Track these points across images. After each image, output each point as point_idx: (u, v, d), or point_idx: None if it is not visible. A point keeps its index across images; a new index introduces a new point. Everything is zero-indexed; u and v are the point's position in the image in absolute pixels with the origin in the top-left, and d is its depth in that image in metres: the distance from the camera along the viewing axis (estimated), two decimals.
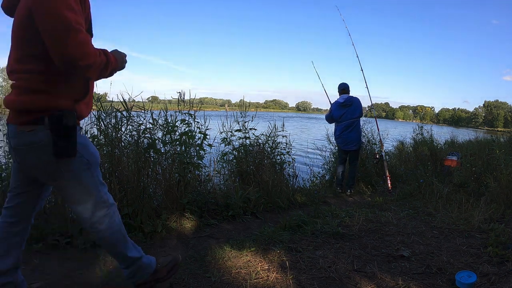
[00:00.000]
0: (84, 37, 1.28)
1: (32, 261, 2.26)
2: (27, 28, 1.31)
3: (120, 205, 2.74)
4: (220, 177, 3.99)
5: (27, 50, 1.34)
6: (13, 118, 1.40)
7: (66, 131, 1.35)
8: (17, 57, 1.38)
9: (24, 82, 1.36)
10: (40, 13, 1.24)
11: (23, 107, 1.35)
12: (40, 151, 1.37)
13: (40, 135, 1.35)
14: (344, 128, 4.79)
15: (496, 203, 3.49)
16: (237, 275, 2.09)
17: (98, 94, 3.23)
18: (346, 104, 4.78)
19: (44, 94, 1.35)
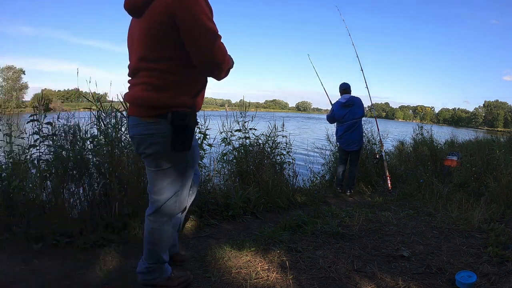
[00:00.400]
0: (223, 44, 1.49)
1: (32, 261, 2.26)
2: (164, 32, 1.43)
3: (120, 205, 2.75)
4: (220, 177, 3.99)
5: (160, 52, 1.46)
6: (136, 111, 1.56)
7: (186, 128, 1.52)
8: (146, 56, 1.48)
9: (153, 80, 1.49)
10: (187, 24, 1.39)
11: (150, 103, 1.49)
12: (157, 142, 1.53)
13: (161, 128, 1.51)
14: (346, 128, 4.76)
15: (496, 203, 3.48)
16: (237, 275, 2.09)
17: (98, 94, 3.23)
18: (348, 104, 4.75)
19: (170, 92, 1.49)
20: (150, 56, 1.48)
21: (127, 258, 2.37)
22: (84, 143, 2.96)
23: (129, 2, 1.52)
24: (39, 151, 2.86)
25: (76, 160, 2.83)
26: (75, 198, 2.91)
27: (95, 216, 2.70)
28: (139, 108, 1.54)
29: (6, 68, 51.81)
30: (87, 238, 2.49)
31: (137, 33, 1.52)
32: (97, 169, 2.96)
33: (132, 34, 1.58)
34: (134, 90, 1.55)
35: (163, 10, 1.41)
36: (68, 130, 2.96)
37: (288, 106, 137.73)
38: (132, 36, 1.58)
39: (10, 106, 5.52)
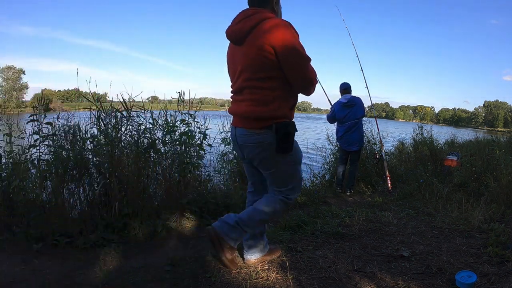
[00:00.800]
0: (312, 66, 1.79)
1: (32, 261, 2.26)
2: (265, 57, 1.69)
3: (120, 205, 2.75)
4: (220, 177, 3.99)
5: (263, 73, 1.73)
6: (243, 123, 1.83)
7: (289, 136, 1.79)
8: (251, 77, 1.76)
9: (257, 96, 1.76)
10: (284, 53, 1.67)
11: (257, 116, 1.76)
12: (264, 149, 1.81)
13: (267, 137, 1.78)
14: (347, 128, 4.73)
15: (496, 203, 3.48)
16: (237, 275, 2.09)
17: (98, 94, 3.23)
18: (349, 105, 4.72)
19: (272, 106, 1.75)
20: (254, 77, 1.75)
21: (127, 258, 2.37)
22: (84, 143, 2.97)
23: (233, 34, 1.83)
24: (39, 151, 2.86)
25: (76, 160, 2.83)
26: (75, 198, 2.92)
27: (95, 216, 2.70)
28: (246, 120, 1.81)
29: (6, 68, 51.85)
30: (87, 238, 2.49)
31: (240, 58, 1.80)
32: (97, 169, 2.96)
33: (234, 58, 1.87)
34: (241, 105, 1.83)
35: (263, 41, 1.69)
36: (68, 130, 2.96)
37: None
38: (234, 59, 1.87)
39: (10, 106, 5.52)
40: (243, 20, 1.78)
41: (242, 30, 1.76)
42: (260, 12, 1.76)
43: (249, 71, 1.76)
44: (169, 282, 2.04)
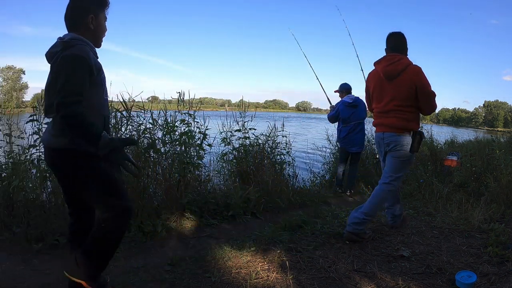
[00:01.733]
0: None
1: (32, 261, 2.26)
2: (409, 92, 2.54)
3: None
4: (220, 177, 3.99)
5: (408, 102, 2.56)
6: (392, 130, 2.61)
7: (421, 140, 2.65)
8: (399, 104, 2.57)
9: (403, 115, 2.58)
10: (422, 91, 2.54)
11: (403, 127, 2.59)
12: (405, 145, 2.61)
13: (408, 139, 2.60)
14: (351, 129, 4.66)
15: (496, 203, 3.48)
16: (237, 275, 2.09)
17: None
18: (354, 105, 4.66)
19: (412, 122, 2.62)
20: (402, 103, 2.58)
21: (127, 258, 2.37)
22: None
23: (387, 73, 2.59)
24: (39, 151, 2.86)
25: None
26: None
27: None
28: (395, 129, 2.61)
29: (6, 68, 51.81)
30: None
31: (392, 90, 2.59)
32: None
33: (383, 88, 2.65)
34: (391, 120, 2.62)
35: (409, 81, 2.53)
36: None
37: (288, 106, 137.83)
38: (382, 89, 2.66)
39: (10, 106, 5.52)
40: (393, 63, 2.57)
41: (394, 71, 2.56)
42: (404, 59, 2.59)
43: (398, 99, 2.58)
44: (169, 282, 2.04)
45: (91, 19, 1.61)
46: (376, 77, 2.68)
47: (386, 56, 2.63)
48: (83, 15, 1.60)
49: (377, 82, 2.67)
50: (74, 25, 1.60)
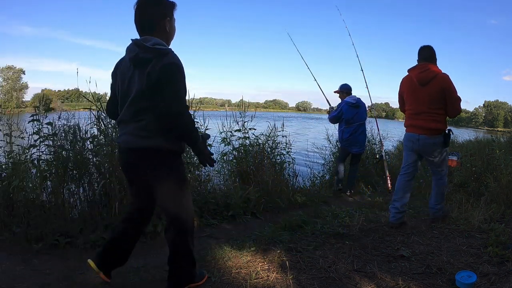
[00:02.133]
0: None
1: (32, 261, 2.27)
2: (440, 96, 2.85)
3: (120, 205, 2.75)
4: (220, 177, 3.99)
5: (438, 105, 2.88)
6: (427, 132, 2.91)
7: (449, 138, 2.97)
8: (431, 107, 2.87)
9: (434, 118, 2.88)
10: (450, 95, 2.86)
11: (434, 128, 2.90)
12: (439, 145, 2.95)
13: (440, 139, 2.91)
14: (354, 130, 4.64)
15: (496, 203, 3.48)
16: (237, 275, 2.09)
17: (98, 94, 3.23)
18: (357, 105, 4.64)
19: (442, 123, 2.93)
20: (433, 107, 2.87)
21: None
22: (84, 143, 2.96)
23: (420, 79, 2.89)
24: (39, 151, 2.86)
25: (76, 160, 2.83)
26: (75, 198, 2.92)
27: (95, 216, 2.70)
28: (429, 130, 2.90)
29: (6, 68, 51.81)
30: (87, 238, 2.49)
31: (425, 94, 2.88)
32: (97, 169, 2.96)
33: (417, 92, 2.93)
34: (425, 123, 2.90)
35: (440, 87, 2.84)
36: (68, 130, 2.96)
37: (288, 106, 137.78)
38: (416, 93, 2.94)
39: (10, 106, 5.52)
40: (425, 71, 2.89)
41: (426, 78, 2.88)
42: (434, 67, 2.92)
43: (430, 103, 2.88)
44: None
45: (167, 22, 1.66)
46: (410, 82, 2.99)
47: (419, 65, 2.96)
48: (161, 18, 1.64)
49: (411, 87, 2.99)
50: (151, 28, 1.63)
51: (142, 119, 1.60)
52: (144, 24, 1.64)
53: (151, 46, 1.55)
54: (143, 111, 1.59)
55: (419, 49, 3.04)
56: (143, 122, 1.60)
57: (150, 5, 1.63)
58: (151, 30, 1.63)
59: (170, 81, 1.53)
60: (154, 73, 1.53)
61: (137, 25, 1.66)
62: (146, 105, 1.58)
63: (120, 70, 1.68)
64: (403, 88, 3.09)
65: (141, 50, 1.56)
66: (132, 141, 1.63)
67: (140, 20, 1.64)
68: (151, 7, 1.63)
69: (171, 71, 1.53)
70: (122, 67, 1.68)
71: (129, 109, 1.63)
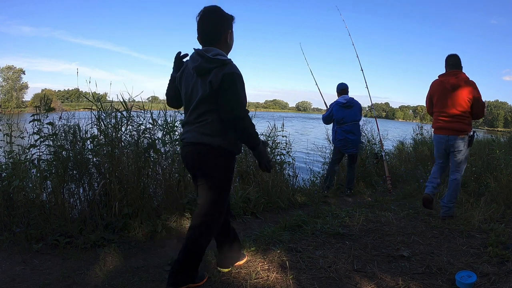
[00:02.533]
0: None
1: (32, 261, 2.27)
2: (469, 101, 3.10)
3: (120, 205, 2.75)
4: None
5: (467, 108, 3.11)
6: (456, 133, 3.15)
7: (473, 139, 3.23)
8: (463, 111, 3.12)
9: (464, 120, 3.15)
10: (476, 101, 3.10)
11: (462, 130, 3.14)
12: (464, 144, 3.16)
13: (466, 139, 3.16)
14: (346, 130, 4.60)
15: (496, 203, 3.48)
16: (237, 275, 2.09)
17: (98, 94, 3.23)
18: (348, 105, 4.60)
19: (469, 125, 3.19)
20: (462, 109, 3.12)
21: (127, 258, 2.37)
22: (84, 143, 2.96)
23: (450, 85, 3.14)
24: (39, 151, 2.86)
25: (76, 160, 2.83)
26: (75, 198, 2.92)
27: (95, 216, 2.70)
28: (458, 132, 3.14)
29: (6, 68, 51.84)
30: (87, 238, 2.49)
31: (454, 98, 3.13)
32: (97, 169, 2.96)
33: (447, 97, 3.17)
34: (455, 125, 3.15)
35: (469, 93, 3.10)
36: (68, 130, 2.96)
37: (288, 106, 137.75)
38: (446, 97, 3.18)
39: (10, 106, 5.51)
40: (457, 78, 3.14)
41: (458, 84, 3.12)
42: (463, 74, 3.18)
43: (459, 107, 3.11)
44: None
45: (228, 34, 1.80)
46: (441, 87, 3.22)
47: (451, 71, 3.21)
48: (223, 30, 1.78)
49: (442, 91, 3.22)
50: (214, 40, 1.77)
51: (204, 120, 1.76)
52: (206, 36, 1.77)
53: (213, 56, 1.68)
54: (205, 114, 1.75)
55: (446, 57, 3.31)
56: (205, 122, 1.76)
57: (212, 18, 1.76)
58: (213, 41, 1.77)
59: (231, 89, 1.67)
60: (215, 82, 1.67)
61: (199, 35, 1.79)
62: (208, 109, 1.74)
63: (185, 77, 1.84)
64: (433, 91, 3.31)
65: (203, 60, 1.70)
66: (195, 137, 1.79)
67: (202, 31, 1.77)
68: (213, 20, 1.76)
69: (231, 80, 1.67)
70: (186, 74, 1.83)
71: (192, 113, 1.80)
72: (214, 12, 1.77)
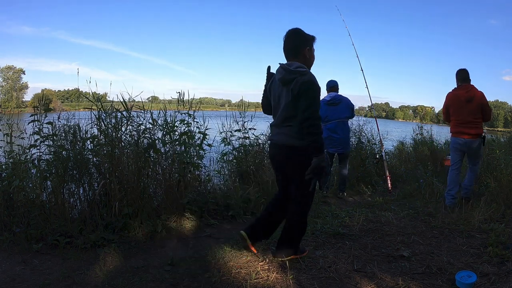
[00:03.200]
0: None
1: (32, 261, 2.27)
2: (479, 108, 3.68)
3: (120, 205, 2.75)
4: (220, 177, 3.99)
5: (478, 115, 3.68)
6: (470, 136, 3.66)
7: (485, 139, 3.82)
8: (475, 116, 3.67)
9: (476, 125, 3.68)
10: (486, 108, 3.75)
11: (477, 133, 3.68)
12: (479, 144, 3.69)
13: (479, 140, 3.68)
14: (330, 129, 4.42)
15: (496, 203, 3.48)
16: (237, 275, 2.09)
17: (98, 94, 3.23)
18: (332, 103, 4.43)
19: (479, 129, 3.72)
20: (475, 117, 3.67)
21: (127, 258, 2.37)
22: (84, 143, 2.96)
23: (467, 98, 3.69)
24: (39, 151, 2.85)
25: (76, 160, 2.83)
26: (75, 198, 2.91)
27: (95, 216, 2.70)
28: (473, 136, 3.67)
29: (6, 68, 51.79)
30: (87, 238, 2.49)
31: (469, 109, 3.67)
32: (97, 169, 2.96)
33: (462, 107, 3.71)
34: (471, 130, 3.67)
35: (480, 103, 3.67)
36: (68, 130, 2.96)
37: None
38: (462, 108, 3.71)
39: (10, 106, 5.51)
40: (469, 91, 3.70)
41: (470, 96, 3.69)
42: (474, 87, 3.74)
43: (474, 114, 3.67)
44: (169, 282, 2.05)
45: (307, 50, 2.15)
46: (456, 100, 3.80)
47: (464, 86, 3.78)
48: (302, 47, 2.14)
49: (458, 103, 3.78)
50: (295, 54, 2.13)
51: (290, 125, 2.11)
52: (289, 51, 2.15)
53: (294, 69, 2.04)
54: (290, 118, 2.09)
55: (456, 72, 3.88)
56: (291, 127, 2.10)
57: (293, 37, 2.15)
58: (295, 56, 2.13)
59: (306, 94, 2.00)
60: (295, 89, 2.01)
61: (285, 51, 2.17)
62: (292, 114, 2.07)
63: (273, 87, 2.21)
64: (450, 103, 3.88)
65: (286, 72, 2.06)
66: (283, 139, 2.15)
67: (286, 48, 2.15)
68: (296, 39, 2.14)
69: (307, 86, 2.00)
70: (274, 84, 2.20)
71: (280, 117, 2.16)
72: (295, 32, 2.15)
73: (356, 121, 5.74)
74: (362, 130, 5.80)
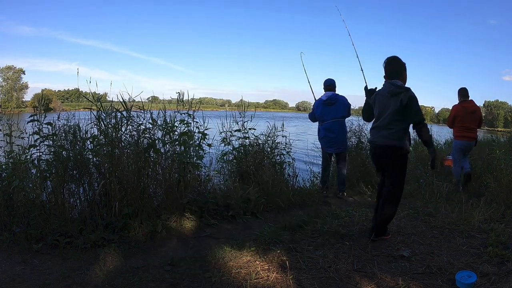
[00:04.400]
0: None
1: (32, 261, 2.27)
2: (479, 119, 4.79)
3: (120, 205, 2.75)
4: (220, 177, 3.99)
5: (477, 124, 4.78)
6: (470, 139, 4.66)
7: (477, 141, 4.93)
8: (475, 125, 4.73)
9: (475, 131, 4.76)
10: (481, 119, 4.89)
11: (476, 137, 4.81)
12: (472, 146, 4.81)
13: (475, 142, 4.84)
14: (327, 128, 4.37)
15: (496, 203, 3.48)
16: (237, 275, 2.09)
17: (98, 94, 3.23)
18: (329, 102, 4.37)
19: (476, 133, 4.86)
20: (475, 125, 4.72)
21: (127, 258, 2.37)
22: (84, 143, 2.96)
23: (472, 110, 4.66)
24: (39, 151, 2.85)
25: (76, 160, 2.83)
26: (75, 198, 2.92)
27: (95, 216, 2.70)
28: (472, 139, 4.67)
29: (6, 68, 51.77)
30: (87, 238, 2.49)
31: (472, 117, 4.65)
32: (97, 169, 2.96)
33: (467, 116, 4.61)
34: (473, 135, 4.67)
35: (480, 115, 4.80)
36: (68, 130, 2.96)
37: (288, 106, 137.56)
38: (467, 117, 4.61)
39: (10, 106, 5.51)
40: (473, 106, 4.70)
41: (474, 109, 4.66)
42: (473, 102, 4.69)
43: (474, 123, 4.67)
44: (169, 282, 2.05)
45: (403, 72, 2.81)
46: (464, 110, 4.66)
47: (467, 100, 4.73)
48: (401, 70, 2.80)
49: (465, 114, 4.65)
50: (396, 75, 2.76)
51: (392, 128, 2.68)
52: (392, 73, 2.78)
53: (400, 85, 2.71)
54: (394, 122, 2.67)
55: (459, 90, 4.85)
56: (392, 130, 2.68)
57: (395, 64, 2.80)
58: (396, 76, 2.76)
59: (415, 106, 2.63)
60: (404, 100, 2.60)
61: (387, 72, 2.79)
62: (397, 119, 2.65)
63: (378, 98, 2.82)
64: (457, 113, 4.73)
65: (395, 87, 2.68)
66: (385, 141, 2.72)
67: (389, 70, 2.79)
68: (397, 65, 2.80)
69: (414, 100, 2.63)
70: (380, 96, 2.80)
71: (385, 119, 2.71)
72: (396, 60, 2.81)
73: (356, 121, 5.73)
74: (362, 130, 5.79)
